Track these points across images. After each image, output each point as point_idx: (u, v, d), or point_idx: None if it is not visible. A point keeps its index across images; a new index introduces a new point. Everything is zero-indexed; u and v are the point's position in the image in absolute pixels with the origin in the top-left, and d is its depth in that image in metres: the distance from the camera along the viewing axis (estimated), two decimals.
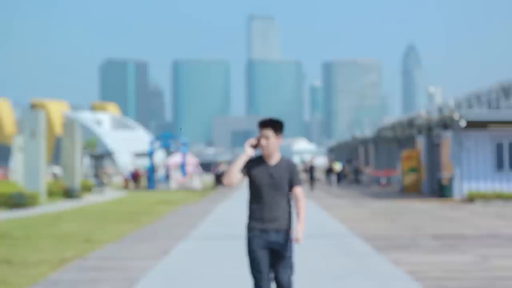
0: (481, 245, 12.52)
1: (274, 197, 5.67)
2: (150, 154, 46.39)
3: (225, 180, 5.71)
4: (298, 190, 5.77)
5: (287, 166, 5.74)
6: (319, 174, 59.27)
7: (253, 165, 5.72)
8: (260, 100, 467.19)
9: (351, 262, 10.52)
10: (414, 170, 33.42)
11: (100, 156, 57.86)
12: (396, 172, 39.51)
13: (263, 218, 5.67)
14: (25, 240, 13.74)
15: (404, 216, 19.50)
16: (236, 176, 5.69)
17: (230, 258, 10.86)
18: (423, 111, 36.28)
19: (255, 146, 5.75)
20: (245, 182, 5.81)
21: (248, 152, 5.72)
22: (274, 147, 5.73)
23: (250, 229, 5.72)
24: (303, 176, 47.45)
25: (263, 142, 5.70)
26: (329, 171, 44.23)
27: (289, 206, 5.74)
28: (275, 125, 5.73)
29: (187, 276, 9.37)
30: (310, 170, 38.85)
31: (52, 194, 30.09)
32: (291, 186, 5.75)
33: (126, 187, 46.02)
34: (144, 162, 64.04)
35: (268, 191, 5.67)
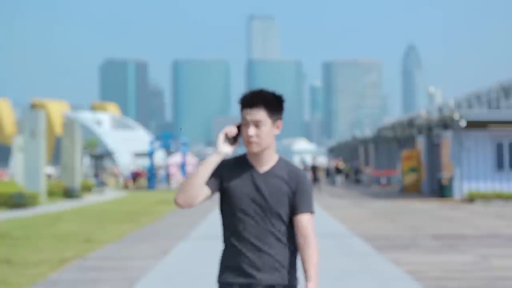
0: (481, 245, 12.52)
1: (265, 228, 3.32)
2: (150, 154, 46.38)
3: (179, 198, 3.31)
4: (306, 221, 3.35)
5: (289, 175, 3.38)
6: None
7: (230, 173, 3.39)
8: None
9: (351, 262, 10.52)
10: (414, 170, 33.41)
11: (100, 156, 57.90)
12: (396, 172, 39.52)
13: (246, 266, 3.34)
14: (25, 240, 13.74)
15: (404, 216, 19.50)
16: (196, 191, 3.30)
17: None
18: (423, 111, 36.29)
19: (234, 140, 3.42)
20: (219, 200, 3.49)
21: (222, 151, 3.37)
22: (268, 142, 3.34)
23: (223, 286, 3.40)
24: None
25: (250, 132, 3.30)
26: (336, 171, 43.92)
27: (292, 244, 3.38)
28: (271, 103, 3.33)
29: (187, 276, 9.37)
30: (314, 170, 37.43)
31: (52, 194, 30.09)
32: (293, 211, 3.37)
33: (126, 187, 46.03)
34: (144, 162, 64.06)
35: (255, 217, 3.33)
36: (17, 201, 23.82)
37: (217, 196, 3.44)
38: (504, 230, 15.38)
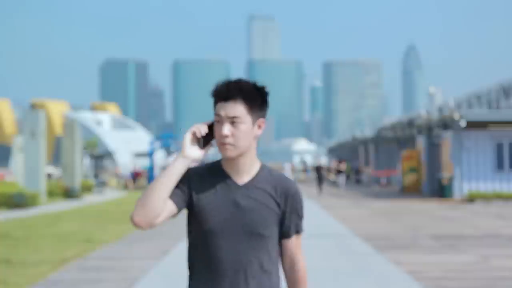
0: (481, 245, 12.53)
1: (245, 255, 2.65)
2: (150, 154, 46.39)
3: (136, 214, 2.60)
4: (294, 245, 2.77)
5: (277, 187, 2.71)
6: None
7: (201, 185, 2.69)
8: None
9: (351, 262, 10.52)
10: (414, 170, 33.42)
11: (100, 156, 57.88)
12: (396, 172, 39.51)
13: None
14: (25, 240, 13.74)
15: (404, 216, 19.50)
16: (158, 207, 2.59)
17: None
18: (423, 111, 36.22)
19: (205, 142, 2.71)
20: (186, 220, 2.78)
21: (190, 154, 2.66)
22: (246, 144, 2.65)
23: None
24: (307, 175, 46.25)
25: (224, 130, 2.62)
26: (337, 172, 43.72)
27: (277, 272, 2.75)
28: (251, 96, 2.65)
29: (187, 276, 9.36)
30: (318, 170, 36.57)
31: (52, 194, 30.10)
32: (281, 233, 2.74)
33: (126, 187, 46.04)
34: (144, 162, 64.05)
35: (232, 241, 2.65)
36: (17, 201, 23.83)
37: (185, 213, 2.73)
38: (504, 230, 15.38)
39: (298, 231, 2.78)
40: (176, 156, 2.65)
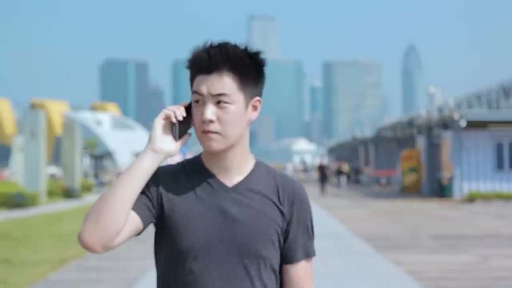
0: (481, 245, 12.53)
1: (236, 282, 1.93)
2: None
3: (87, 233, 1.84)
4: (302, 272, 2.03)
5: (279, 189, 2.01)
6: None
7: (175, 189, 1.98)
8: None
9: (351, 262, 10.52)
10: (414, 170, 33.42)
11: (100, 156, 57.89)
12: (396, 172, 39.51)
13: None
14: (25, 240, 13.74)
15: (404, 216, 19.50)
16: (117, 222, 1.85)
17: None
18: (423, 111, 36.23)
19: (181, 131, 1.99)
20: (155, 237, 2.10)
21: (163, 148, 1.94)
22: (238, 132, 1.95)
23: None
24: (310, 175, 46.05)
25: (207, 114, 1.91)
26: (338, 172, 43.64)
27: None
28: (243, 64, 1.95)
29: None
30: (321, 170, 35.20)
31: (52, 194, 30.10)
32: (284, 253, 2.01)
33: None
34: None
35: (218, 264, 1.93)
36: (17, 201, 23.83)
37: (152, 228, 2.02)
38: (504, 230, 15.38)
39: (308, 254, 2.02)
40: (142, 151, 1.93)
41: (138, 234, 1.94)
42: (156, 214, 1.95)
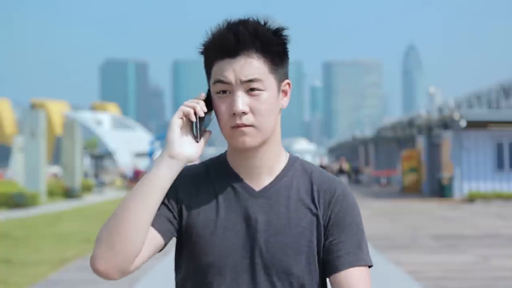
0: (481, 245, 12.53)
1: None
2: (150, 154, 46.42)
3: (100, 262, 1.58)
4: (351, 283, 1.67)
5: (313, 190, 1.72)
6: None
7: (194, 197, 1.72)
8: None
9: None
10: (414, 170, 33.42)
11: (100, 156, 57.89)
12: (396, 172, 39.52)
13: None
14: (25, 240, 13.74)
15: (404, 216, 19.50)
16: (134, 247, 1.60)
17: None
18: (423, 111, 36.24)
19: (200, 131, 1.68)
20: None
21: (182, 153, 1.66)
22: (272, 124, 1.70)
23: None
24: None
25: (238, 105, 1.62)
26: (339, 171, 43.43)
27: None
28: (271, 43, 1.66)
29: None
30: None
31: (52, 194, 30.11)
32: (328, 264, 1.68)
33: (129, 187, 46.10)
34: (144, 162, 64.06)
35: (244, 280, 1.67)
36: (17, 201, 23.84)
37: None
38: (504, 230, 15.38)
39: (358, 261, 1.69)
40: (158, 158, 1.66)
41: (161, 250, 1.72)
42: (177, 226, 1.70)
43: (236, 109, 1.61)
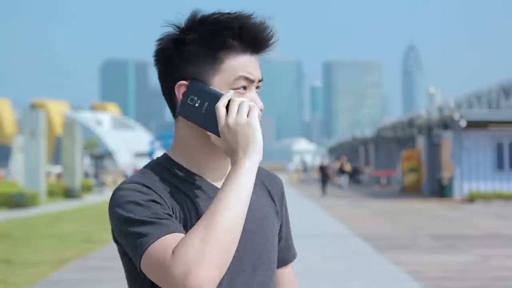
0: (481, 245, 12.53)
1: None
2: (150, 154, 46.37)
3: (212, 274, 1.32)
4: (292, 276, 1.79)
5: (266, 185, 1.70)
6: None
7: (175, 202, 1.52)
8: None
9: (351, 262, 10.52)
10: (414, 170, 33.42)
11: (100, 156, 57.93)
12: (396, 172, 39.51)
13: None
14: (25, 240, 13.74)
15: (404, 216, 19.49)
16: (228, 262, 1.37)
17: None
18: (423, 111, 36.22)
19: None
20: None
21: (260, 156, 1.45)
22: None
23: None
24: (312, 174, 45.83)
25: (260, 102, 1.54)
26: (340, 172, 43.40)
27: None
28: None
29: None
30: (322, 170, 34.26)
31: (52, 194, 30.11)
32: (281, 256, 1.73)
33: None
34: (144, 162, 64.07)
35: (239, 274, 1.54)
36: (17, 201, 23.83)
37: None
38: (504, 230, 15.38)
39: (295, 255, 1.79)
40: (240, 166, 1.42)
41: None
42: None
43: (262, 106, 1.52)
